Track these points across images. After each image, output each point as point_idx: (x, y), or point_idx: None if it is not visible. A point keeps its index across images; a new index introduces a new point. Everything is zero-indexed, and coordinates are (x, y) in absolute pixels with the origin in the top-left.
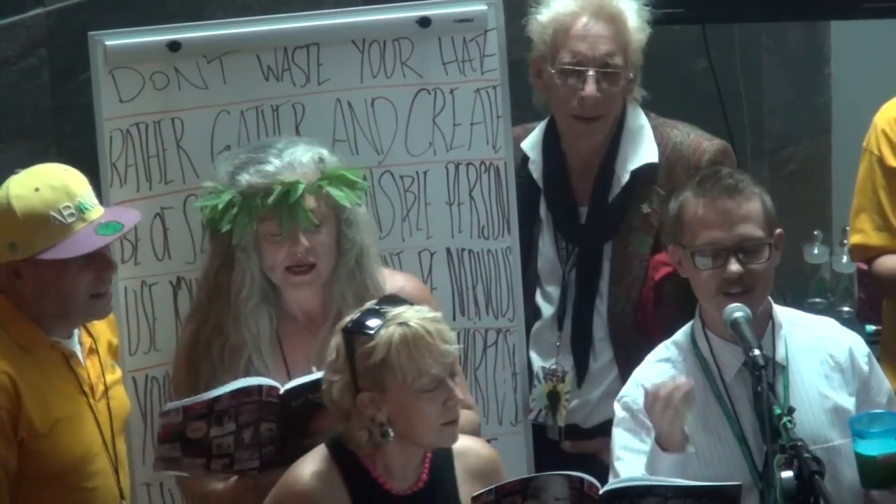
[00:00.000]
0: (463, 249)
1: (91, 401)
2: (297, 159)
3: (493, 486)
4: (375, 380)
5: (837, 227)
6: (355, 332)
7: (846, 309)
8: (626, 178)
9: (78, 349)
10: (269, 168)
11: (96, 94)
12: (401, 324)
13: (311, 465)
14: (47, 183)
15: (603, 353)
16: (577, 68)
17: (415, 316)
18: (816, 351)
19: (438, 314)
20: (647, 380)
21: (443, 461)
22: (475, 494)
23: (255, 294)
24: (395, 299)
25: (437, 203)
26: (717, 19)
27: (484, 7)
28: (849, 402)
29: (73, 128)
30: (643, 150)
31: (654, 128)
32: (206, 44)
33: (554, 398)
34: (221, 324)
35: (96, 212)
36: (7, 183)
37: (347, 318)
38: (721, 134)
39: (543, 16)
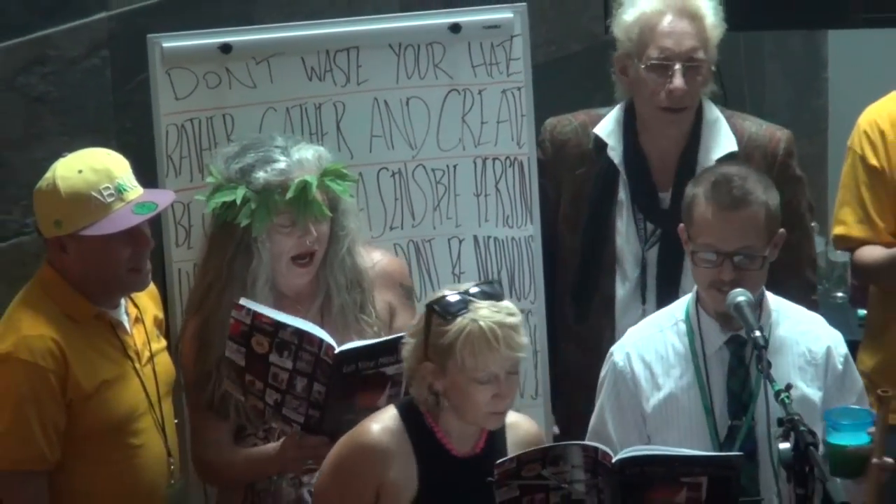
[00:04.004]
0: (489, 237)
1: (137, 365)
2: (304, 157)
3: (515, 455)
4: (440, 357)
5: (833, 220)
6: (436, 312)
7: (840, 294)
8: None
9: (124, 318)
10: (282, 166)
11: (154, 92)
12: (474, 320)
13: (380, 421)
14: (90, 166)
15: None
16: (664, 63)
17: (492, 316)
18: (797, 343)
19: (518, 318)
20: (634, 345)
21: (498, 432)
22: (499, 462)
23: (268, 281)
24: (492, 289)
25: (465, 194)
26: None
27: (510, 15)
28: (816, 396)
29: (133, 122)
30: (723, 140)
31: (726, 119)
32: (255, 46)
33: None
34: (232, 308)
35: (134, 193)
36: (55, 165)
37: (438, 295)
38: None
39: (629, 15)
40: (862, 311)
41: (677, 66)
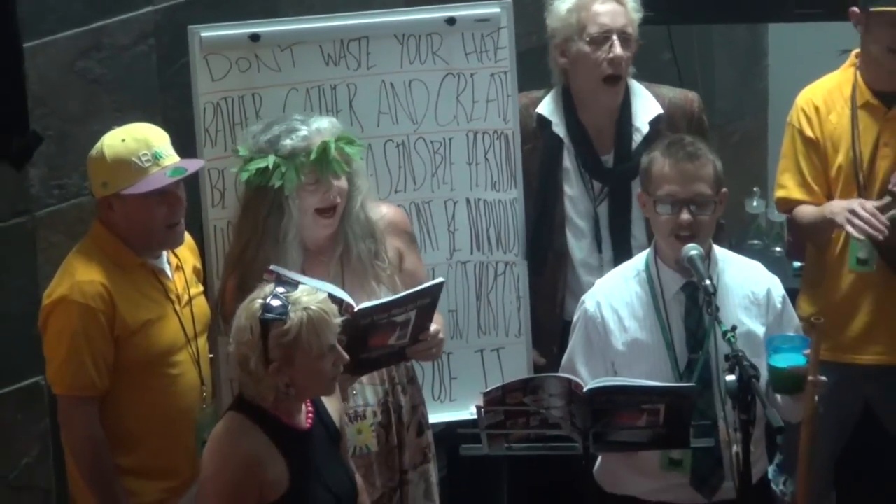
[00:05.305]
0: (479, 199)
1: (177, 306)
2: (321, 125)
3: (500, 385)
4: (286, 352)
5: (771, 185)
6: (272, 319)
7: (777, 249)
8: (646, 128)
9: (166, 266)
10: (304, 133)
11: (193, 75)
12: (305, 309)
13: (235, 432)
14: (132, 136)
15: None
16: (604, 35)
17: (313, 301)
18: (741, 287)
19: (324, 294)
20: (604, 294)
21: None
22: (486, 391)
23: (297, 235)
24: (289, 283)
25: (459, 163)
26: (679, 20)
27: (498, 10)
28: (759, 331)
29: (175, 101)
30: (650, 105)
31: (647, 88)
32: (280, 36)
33: None
34: (269, 260)
35: (170, 159)
36: (103, 136)
37: (258, 305)
38: None
39: (564, 5)
40: (797, 263)
41: (615, 37)
